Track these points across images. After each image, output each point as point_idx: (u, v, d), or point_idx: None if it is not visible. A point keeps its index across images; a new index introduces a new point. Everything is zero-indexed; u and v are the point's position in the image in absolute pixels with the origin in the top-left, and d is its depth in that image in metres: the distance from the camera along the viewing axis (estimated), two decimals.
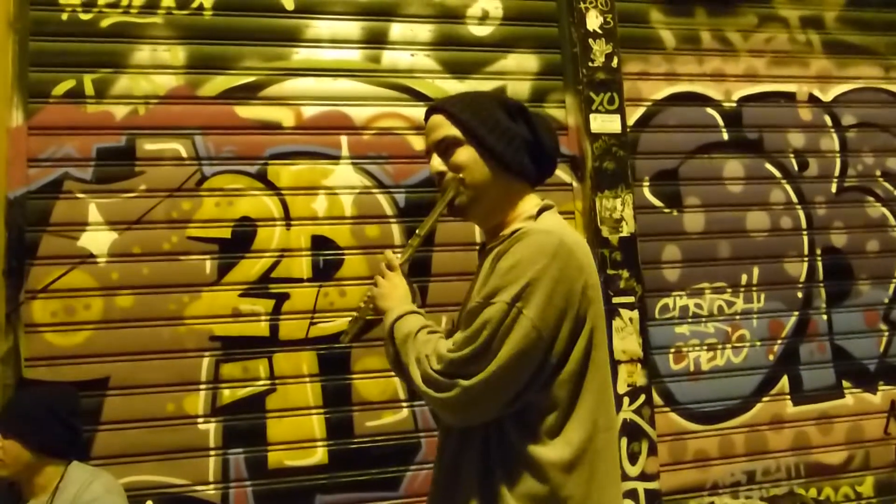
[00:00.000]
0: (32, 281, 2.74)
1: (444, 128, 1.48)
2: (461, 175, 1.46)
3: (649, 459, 3.06)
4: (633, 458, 3.04)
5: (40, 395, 2.30)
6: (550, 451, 1.29)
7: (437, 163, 1.49)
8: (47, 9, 2.90)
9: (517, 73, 3.33)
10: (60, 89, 2.86)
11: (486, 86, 3.27)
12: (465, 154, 1.45)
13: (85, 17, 2.93)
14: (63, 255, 2.78)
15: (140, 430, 2.74)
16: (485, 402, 1.29)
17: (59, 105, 2.86)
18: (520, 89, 3.31)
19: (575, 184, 3.30)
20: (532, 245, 1.32)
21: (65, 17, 2.91)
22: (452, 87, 3.23)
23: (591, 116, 3.26)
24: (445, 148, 1.48)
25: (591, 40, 3.31)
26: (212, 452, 2.79)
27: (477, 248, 1.67)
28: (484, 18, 3.32)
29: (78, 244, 2.79)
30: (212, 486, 2.77)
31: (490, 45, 3.32)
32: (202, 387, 2.81)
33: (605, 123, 3.27)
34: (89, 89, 2.89)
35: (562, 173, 3.29)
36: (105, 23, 2.94)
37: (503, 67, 3.31)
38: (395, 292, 1.50)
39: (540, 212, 1.47)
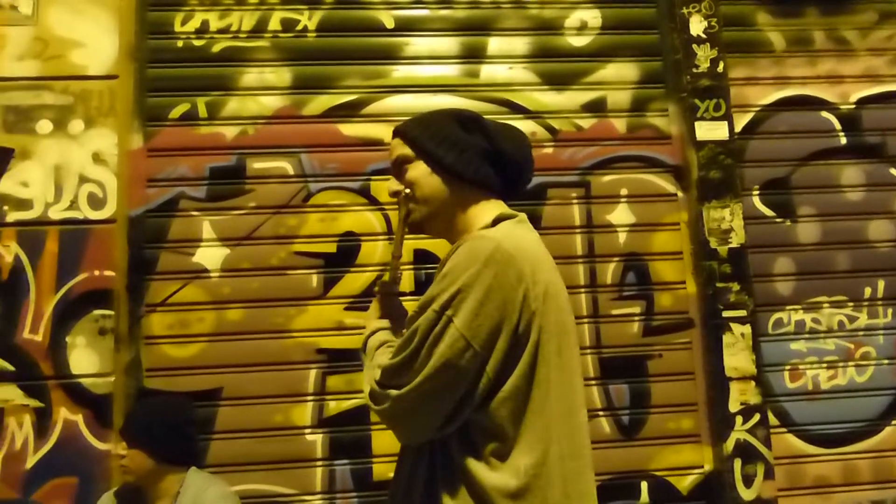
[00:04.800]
0: (151, 295, 2.88)
1: (397, 148, 1.50)
2: (409, 191, 1.46)
3: (765, 483, 2.89)
4: (747, 482, 2.88)
5: (159, 407, 2.41)
6: (495, 477, 1.22)
7: (391, 183, 1.51)
8: (164, 37, 3.07)
9: (617, 82, 3.26)
10: (176, 112, 3.02)
11: (585, 96, 3.22)
12: (416, 170, 1.45)
13: (198, 43, 3.08)
14: (179, 270, 2.92)
15: (250, 439, 2.83)
16: (417, 415, 1.25)
17: (174, 127, 3.01)
18: (620, 99, 3.24)
19: (679, 194, 3.18)
20: (466, 252, 1.27)
21: (180, 44, 3.07)
22: (551, 99, 3.20)
23: (696, 124, 3.14)
24: (399, 167, 1.49)
25: (694, 46, 3.20)
26: (318, 463, 2.84)
27: None
28: (582, 28, 3.28)
29: (193, 260, 2.92)
30: (318, 497, 2.81)
31: (588, 55, 3.27)
32: (309, 398, 2.88)
33: (710, 131, 3.15)
34: (202, 112, 3.03)
35: (665, 183, 3.19)
36: (216, 48, 3.08)
37: (602, 77, 3.25)
38: (373, 313, 1.55)
39: (497, 220, 1.41)
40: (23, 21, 2.95)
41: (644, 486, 2.95)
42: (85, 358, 2.77)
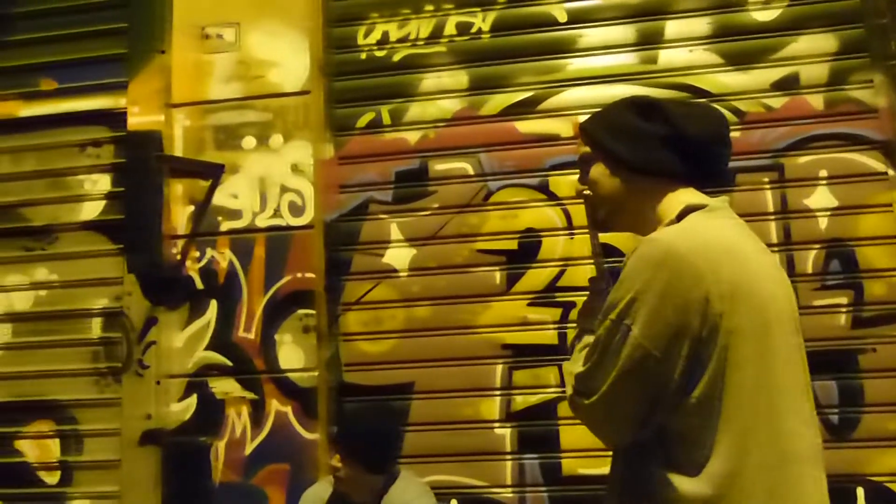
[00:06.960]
0: (347, 295, 3.08)
1: (580, 146, 1.49)
2: (587, 192, 1.46)
3: None
4: None
5: (370, 420, 2.59)
6: (688, 484, 1.17)
7: (577, 182, 1.53)
8: (348, 51, 3.27)
9: (810, 56, 3.01)
10: (363, 121, 3.20)
11: (775, 74, 3.01)
12: (595, 170, 1.44)
13: (379, 53, 3.24)
14: (371, 270, 3.09)
15: (442, 432, 2.93)
16: (605, 422, 1.29)
17: (362, 136, 3.19)
18: (815, 73, 2.99)
19: (890, 172, 2.89)
20: (637, 257, 1.23)
21: (363, 56, 3.25)
22: (734, 79, 3.03)
23: None
24: (583, 166, 1.48)
25: None
26: (508, 457, 2.89)
27: None
28: (768, 2, 3.07)
29: (383, 261, 3.08)
30: (509, 490, 2.86)
31: (776, 30, 3.05)
32: (496, 393, 2.93)
33: None
34: (386, 119, 3.19)
35: (872, 161, 2.91)
36: (397, 57, 3.23)
37: (793, 52, 3.02)
38: (582, 310, 1.55)
39: (684, 213, 1.30)
40: (228, 48, 3.26)
41: (860, 492, 2.71)
42: (292, 354, 3.02)
